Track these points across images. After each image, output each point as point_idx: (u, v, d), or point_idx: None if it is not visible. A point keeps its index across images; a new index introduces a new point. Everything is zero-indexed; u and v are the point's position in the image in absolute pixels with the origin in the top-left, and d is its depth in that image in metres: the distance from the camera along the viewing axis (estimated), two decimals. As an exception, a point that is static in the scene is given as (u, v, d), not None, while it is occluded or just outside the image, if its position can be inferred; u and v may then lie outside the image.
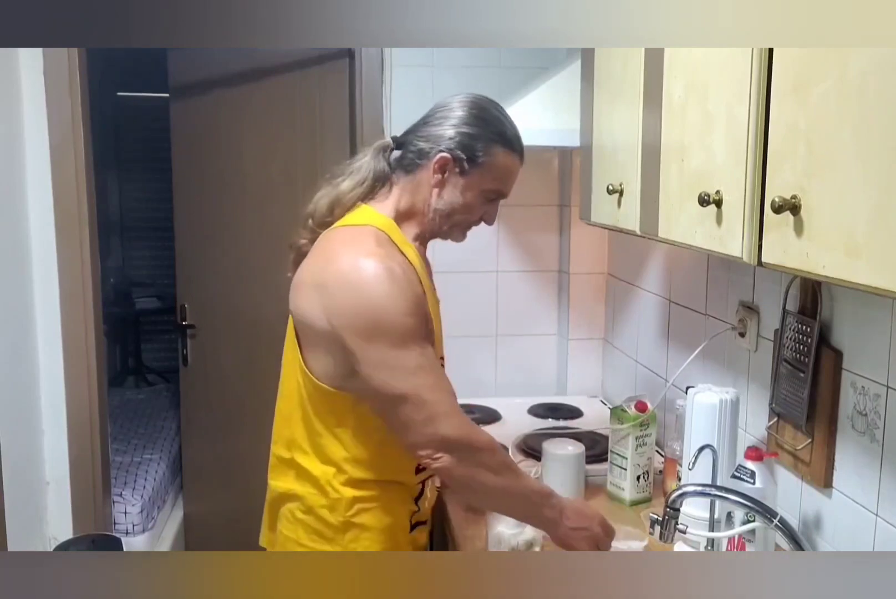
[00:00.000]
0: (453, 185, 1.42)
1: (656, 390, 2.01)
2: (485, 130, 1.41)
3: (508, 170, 1.45)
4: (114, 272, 4.89)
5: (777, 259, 1.00)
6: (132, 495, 2.92)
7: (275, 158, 2.72)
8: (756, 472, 1.37)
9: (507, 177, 1.45)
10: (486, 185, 1.43)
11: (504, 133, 1.42)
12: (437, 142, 1.41)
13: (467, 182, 1.42)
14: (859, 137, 0.84)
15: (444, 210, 1.43)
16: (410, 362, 1.29)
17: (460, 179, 1.42)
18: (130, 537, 2.83)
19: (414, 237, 1.46)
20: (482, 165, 1.41)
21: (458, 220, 1.46)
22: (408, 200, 1.44)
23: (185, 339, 2.98)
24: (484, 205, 1.46)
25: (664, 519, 1.31)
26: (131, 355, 5.07)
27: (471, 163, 1.40)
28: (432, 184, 1.42)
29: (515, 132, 1.44)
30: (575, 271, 2.52)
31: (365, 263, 1.30)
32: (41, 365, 2.30)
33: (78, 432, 2.33)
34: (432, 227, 1.46)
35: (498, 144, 1.41)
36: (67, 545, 2.23)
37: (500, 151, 1.41)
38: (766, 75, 1.01)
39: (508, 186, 1.47)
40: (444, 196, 1.43)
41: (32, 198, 2.24)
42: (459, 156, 1.40)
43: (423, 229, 1.46)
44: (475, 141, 1.40)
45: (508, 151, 1.42)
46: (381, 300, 1.28)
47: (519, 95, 2.08)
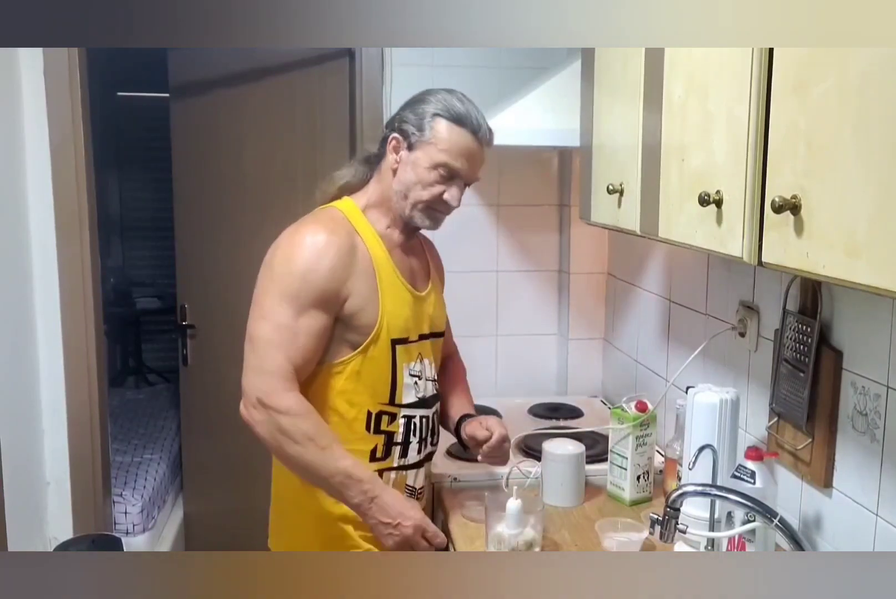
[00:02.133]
0: (405, 163, 1.47)
1: (656, 390, 2.01)
2: (430, 105, 1.46)
3: (459, 144, 1.45)
4: (114, 272, 4.89)
5: (777, 259, 1.00)
6: (132, 495, 2.92)
7: (275, 158, 2.72)
8: (756, 472, 1.37)
9: (459, 152, 1.45)
10: (434, 158, 1.44)
11: (451, 108, 1.45)
12: (389, 126, 1.52)
13: (416, 157, 1.46)
14: (859, 137, 0.84)
15: (402, 191, 1.48)
16: (274, 316, 1.39)
17: (410, 155, 1.47)
18: (130, 537, 2.83)
19: (387, 225, 1.53)
20: (428, 138, 1.45)
21: (416, 198, 1.47)
22: (378, 189, 1.53)
23: (185, 339, 2.98)
24: (441, 183, 1.46)
25: (664, 519, 1.31)
26: (131, 355, 5.06)
27: (416, 136, 1.45)
28: (391, 167, 1.50)
29: (468, 110, 1.46)
30: (575, 270, 2.52)
31: (298, 229, 1.46)
32: (41, 365, 2.30)
33: (78, 432, 2.33)
34: (399, 211, 1.50)
35: (442, 116, 1.44)
36: (67, 545, 2.23)
37: (444, 123, 1.44)
38: (766, 75, 1.01)
39: (463, 164, 1.46)
40: (400, 176, 1.49)
41: (32, 198, 2.24)
42: (405, 131, 1.47)
43: (394, 215, 1.52)
44: (419, 116, 1.46)
45: (455, 125, 1.44)
46: (288, 259, 1.41)
47: (519, 95, 2.08)
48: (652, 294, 2.19)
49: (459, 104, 1.46)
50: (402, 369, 1.52)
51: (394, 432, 1.52)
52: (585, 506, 1.76)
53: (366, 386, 1.49)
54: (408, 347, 1.53)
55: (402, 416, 1.53)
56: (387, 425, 1.52)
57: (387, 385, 1.51)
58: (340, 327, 1.46)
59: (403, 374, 1.52)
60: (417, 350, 1.56)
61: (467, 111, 1.46)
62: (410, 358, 1.54)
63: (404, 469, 1.55)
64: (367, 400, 1.50)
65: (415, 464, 1.57)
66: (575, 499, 1.76)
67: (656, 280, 2.16)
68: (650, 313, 2.20)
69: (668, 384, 1.90)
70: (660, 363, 2.13)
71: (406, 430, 1.54)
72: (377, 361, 1.49)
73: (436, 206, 1.49)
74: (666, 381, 2.04)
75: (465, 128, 1.45)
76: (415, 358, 1.55)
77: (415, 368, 1.55)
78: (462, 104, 1.47)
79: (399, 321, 1.50)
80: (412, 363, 1.54)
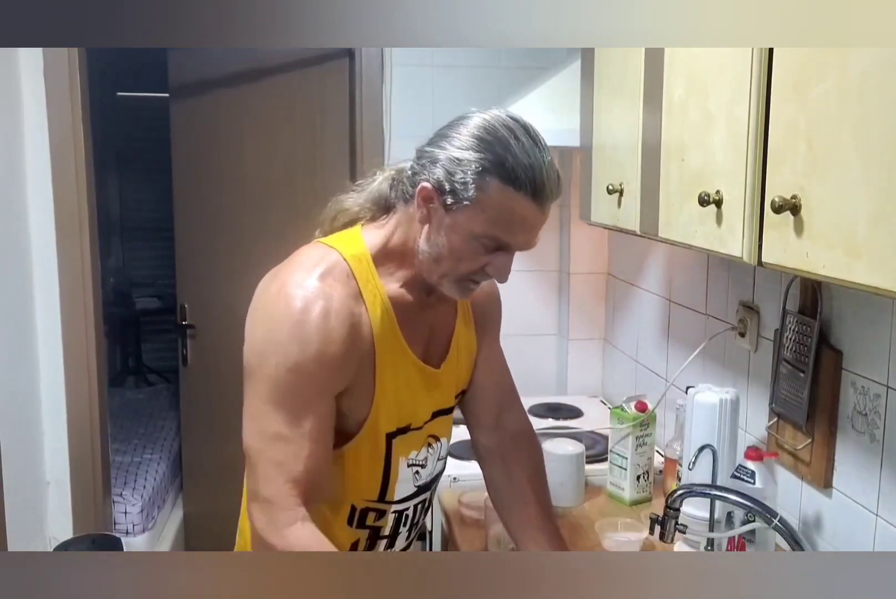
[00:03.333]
0: (439, 223, 1.12)
1: (656, 390, 2.01)
2: (481, 155, 1.08)
3: (511, 212, 1.09)
4: (114, 272, 4.89)
5: (777, 259, 1.00)
6: (132, 495, 2.92)
7: (275, 158, 2.72)
8: (756, 472, 1.37)
9: (510, 222, 1.10)
10: (477, 228, 1.09)
11: (505, 162, 1.07)
12: (427, 166, 1.12)
13: (453, 222, 1.10)
14: (859, 137, 0.84)
15: (431, 254, 1.14)
16: (269, 426, 1.13)
17: (446, 217, 1.11)
18: (130, 537, 2.83)
19: (402, 281, 1.20)
20: (471, 201, 1.08)
21: (449, 269, 1.14)
22: (401, 235, 1.18)
23: (185, 339, 2.98)
24: (483, 254, 1.13)
25: (664, 519, 1.31)
26: (131, 355, 5.06)
27: (455, 197, 1.09)
28: (418, 219, 1.14)
29: (532, 165, 1.08)
30: (575, 271, 2.52)
31: (289, 293, 1.11)
32: (41, 365, 2.30)
33: (78, 432, 2.33)
34: (423, 272, 1.17)
35: (494, 175, 1.07)
36: (67, 545, 2.23)
37: (496, 184, 1.07)
38: (766, 75, 1.01)
39: (517, 236, 1.12)
40: (430, 237, 1.14)
41: (32, 198, 2.24)
42: (443, 187, 1.10)
43: (414, 272, 1.19)
44: (464, 169, 1.08)
45: (510, 188, 1.07)
46: (273, 337, 1.12)
47: (519, 95, 2.08)
48: (652, 294, 2.19)
49: (519, 152, 1.08)
50: (397, 464, 1.25)
51: (381, 527, 1.28)
52: (585, 506, 1.76)
53: (351, 483, 1.24)
54: (409, 436, 1.25)
55: (393, 511, 1.28)
56: (373, 521, 1.27)
57: (377, 483, 1.25)
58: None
59: (399, 468, 1.25)
60: (426, 434, 1.28)
61: (530, 163, 1.08)
62: (412, 447, 1.27)
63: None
64: (351, 496, 1.25)
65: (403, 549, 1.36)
66: (575, 499, 1.76)
67: (656, 280, 2.16)
68: (650, 313, 2.20)
69: (668, 384, 1.90)
70: (660, 363, 2.13)
71: (396, 524, 1.30)
72: (367, 457, 1.22)
73: (475, 278, 1.17)
74: (666, 381, 2.03)
75: (525, 191, 1.08)
76: (420, 445, 1.28)
77: (418, 457, 1.28)
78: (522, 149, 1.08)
79: (398, 410, 1.22)
80: (414, 453, 1.27)
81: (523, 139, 1.09)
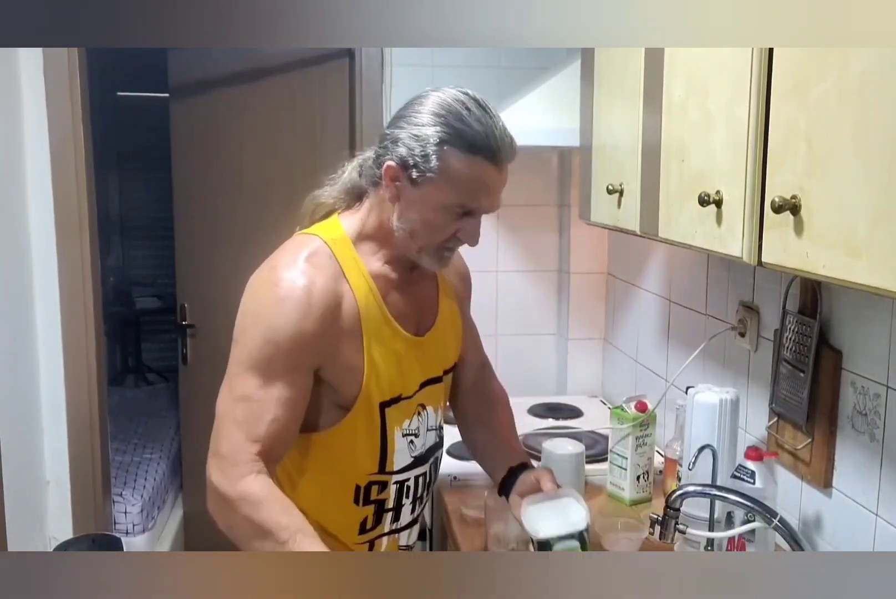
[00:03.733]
0: (408, 198, 1.20)
1: (656, 390, 2.01)
2: (438, 128, 1.15)
3: (473, 177, 1.17)
4: (114, 272, 4.89)
5: (777, 259, 1.00)
6: (132, 495, 2.92)
7: (275, 158, 2.72)
8: (756, 472, 1.37)
9: (476, 188, 1.18)
10: (443, 197, 1.18)
11: (464, 133, 1.15)
12: (390, 147, 1.20)
13: (421, 195, 1.18)
14: (859, 137, 0.84)
15: (406, 230, 1.22)
16: (239, 388, 1.18)
17: (413, 192, 1.19)
18: (130, 537, 2.83)
19: (384, 259, 1.28)
20: (436, 173, 1.16)
21: (425, 242, 1.23)
22: (376, 217, 1.26)
23: (185, 339, 2.98)
24: (454, 222, 1.21)
25: (664, 519, 1.31)
26: (131, 354, 5.07)
27: (420, 170, 1.17)
28: (388, 198, 1.22)
29: (486, 132, 1.16)
30: (575, 270, 2.52)
31: (276, 274, 1.21)
32: (41, 365, 2.30)
33: (78, 431, 2.33)
34: (401, 248, 1.26)
35: (454, 147, 1.15)
36: (67, 545, 2.23)
37: (457, 155, 1.15)
38: (766, 75, 1.01)
39: (481, 200, 1.20)
40: (402, 213, 1.22)
41: (32, 198, 2.23)
42: (407, 163, 1.17)
43: (394, 251, 1.27)
44: (422, 143, 1.16)
45: (471, 156, 1.15)
46: (256, 312, 1.21)
47: (519, 95, 2.08)
48: (652, 294, 2.19)
49: (473, 121, 1.15)
50: (393, 434, 1.31)
51: (385, 499, 1.34)
52: (585, 506, 1.76)
53: (352, 458, 1.30)
54: (400, 405, 1.32)
55: (394, 482, 1.34)
56: (377, 494, 1.33)
57: (375, 454, 1.31)
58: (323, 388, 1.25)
59: (395, 438, 1.32)
60: (415, 403, 1.35)
61: (483, 130, 1.16)
62: (405, 416, 1.33)
63: (397, 532, 1.40)
64: (353, 473, 1.31)
65: (408, 524, 1.42)
66: (575, 499, 1.76)
67: (656, 280, 2.16)
68: (650, 313, 2.20)
69: (668, 384, 1.90)
70: (660, 363, 2.13)
71: (398, 495, 1.36)
72: (364, 429, 1.29)
73: (448, 245, 1.25)
74: (666, 381, 2.04)
75: (482, 155, 1.15)
76: (411, 414, 1.34)
77: (410, 426, 1.34)
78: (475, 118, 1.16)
79: (389, 381, 1.28)
80: (406, 422, 1.34)
81: (475, 110, 1.17)
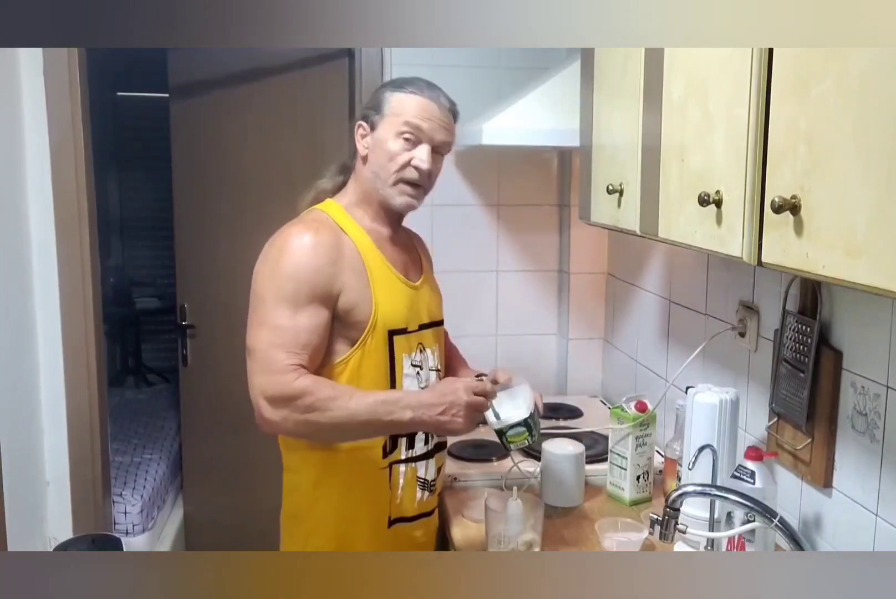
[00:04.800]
0: (373, 146, 1.50)
1: (656, 390, 2.01)
2: (384, 87, 1.54)
3: (415, 107, 1.47)
4: (114, 272, 4.89)
5: (777, 259, 1.00)
6: (132, 495, 2.92)
7: (275, 158, 2.72)
8: (756, 472, 1.37)
9: (416, 114, 1.47)
10: (395, 127, 1.47)
11: (401, 80, 1.53)
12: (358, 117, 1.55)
13: (380, 134, 1.49)
14: (859, 137, 0.84)
15: (375, 172, 1.50)
16: (272, 320, 1.39)
17: (375, 135, 1.50)
18: (130, 537, 2.83)
19: (371, 218, 1.54)
20: (386, 111, 1.49)
21: (387, 173, 1.49)
22: (356, 185, 1.55)
23: (185, 339, 2.98)
24: (408, 150, 1.48)
25: (664, 519, 1.31)
26: (131, 355, 5.07)
27: (376, 116, 1.50)
28: (360, 156, 1.53)
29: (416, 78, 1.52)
30: (575, 270, 2.52)
31: (283, 233, 1.46)
32: (41, 365, 2.30)
33: (78, 432, 2.33)
34: (377, 198, 1.52)
35: (393, 90, 1.50)
36: (67, 545, 2.22)
37: (397, 94, 1.49)
38: (766, 75, 1.01)
39: (423, 124, 1.47)
40: (370, 159, 1.51)
41: (32, 198, 2.23)
42: (367, 116, 1.51)
43: (377, 207, 1.53)
44: (376, 98, 1.52)
45: (408, 93, 1.48)
46: (276, 262, 1.42)
47: (519, 95, 2.08)
48: (652, 294, 2.19)
49: (410, 77, 1.53)
50: (401, 360, 1.51)
51: None
52: (585, 506, 1.76)
53: (367, 382, 1.47)
54: (407, 337, 1.52)
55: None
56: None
57: (386, 377, 1.49)
58: (338, 325, 1.45)
59: (403, 365, 1.51)
60: (417, 340, 1.55)
61: (416, 78, 1.52)
62: (410, 348, 1.53)
63: (413, 461, 1.55)
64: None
65: (423, 455, 1.57)
66: (575, 499, 1.76)
67: (656, 280, 2.17)
68: (650, 313, 2.20)
69: (668, 384, 1.90)
70: (660, 363, 2.13)
71: None
72: (376, 354, 1.48)
73: (407, 176, 1.49)
74: (666, 381, 2.04)
75: (418, 94, 1.48)
76: (415, 348, 1.54)
77: (415, 358, 1.54)
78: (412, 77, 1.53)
79: (394, 312, 1.50)
80: (412, 354, 1.53)
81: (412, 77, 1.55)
